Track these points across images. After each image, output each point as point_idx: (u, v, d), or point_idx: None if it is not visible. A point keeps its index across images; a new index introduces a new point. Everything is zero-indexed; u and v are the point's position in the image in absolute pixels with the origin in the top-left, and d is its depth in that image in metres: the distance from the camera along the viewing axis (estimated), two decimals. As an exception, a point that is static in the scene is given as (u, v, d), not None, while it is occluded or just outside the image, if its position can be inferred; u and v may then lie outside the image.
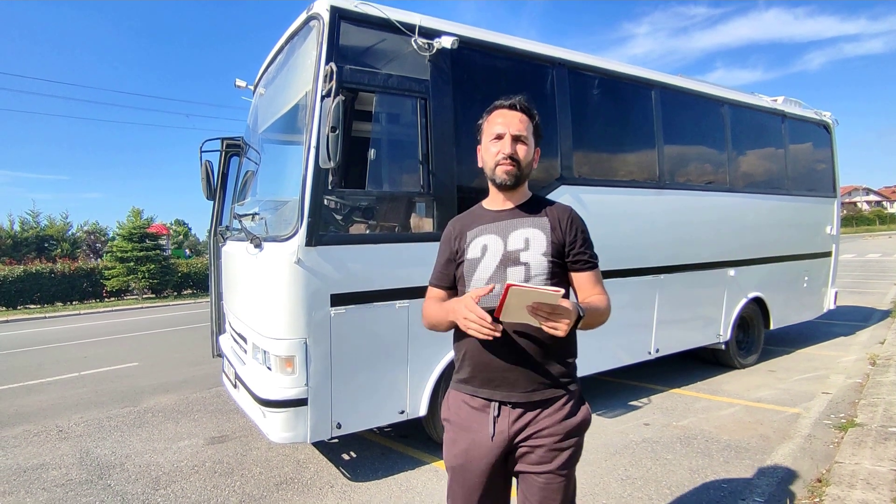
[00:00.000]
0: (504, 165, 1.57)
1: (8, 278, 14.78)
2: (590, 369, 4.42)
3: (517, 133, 1.57)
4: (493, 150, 1.59)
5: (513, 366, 1.54)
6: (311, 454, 3.79)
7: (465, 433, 1.59)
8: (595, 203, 4.22)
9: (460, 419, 1.62)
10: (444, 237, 1.71)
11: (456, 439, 1.62)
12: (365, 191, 3.21)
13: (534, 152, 1.64)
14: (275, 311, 3.09)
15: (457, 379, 1.66)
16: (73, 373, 6.68)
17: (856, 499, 2.72)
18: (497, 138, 1.59)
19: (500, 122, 1.59)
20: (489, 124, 1.63)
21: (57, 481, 3.50)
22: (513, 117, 1.59)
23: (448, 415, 1.67)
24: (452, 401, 1.67)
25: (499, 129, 1.58)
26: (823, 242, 6.72)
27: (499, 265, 1.57)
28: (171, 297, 17.22)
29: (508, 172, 1.57)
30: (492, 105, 1.66)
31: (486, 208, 1.68)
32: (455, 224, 1.70)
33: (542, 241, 1.59)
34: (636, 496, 3.06)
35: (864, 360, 5.83)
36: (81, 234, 23.71)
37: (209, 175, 4.52)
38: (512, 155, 1.56)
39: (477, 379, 1.58)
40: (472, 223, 1.66)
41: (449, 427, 1.66)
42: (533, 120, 1.62)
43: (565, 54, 4.15)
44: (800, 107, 6.51)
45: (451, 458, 1.63)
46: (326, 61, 2.98)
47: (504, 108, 1.61)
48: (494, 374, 1.55)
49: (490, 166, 1.60)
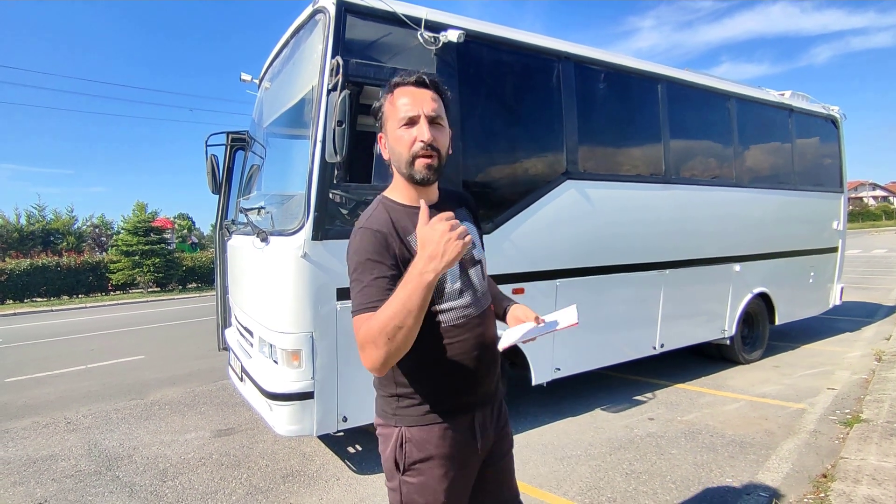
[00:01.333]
0: (424, 158, 1.28)
1: (15, 271, 14.88)
2: (594, 364, 4.43)
3: (432, 114, 1.28)
4: (406, 139, 1.28)
5: (490, 368, 1.45)
6: (316, 447, 3.81)
7: (454, 462, 1.39)
8: (600, 198, 4.22)
9: (446, 449, 1.37)
10: (374, 249, 1.27)
11: (447, 472, 1.37)
12: (371, 185, 3.21)
13: (448, 136, 1.35)
14: (281, 305, 3.10)
15: (424, 411, 1.37)
16: (81, 365, 6.74)
17: (861, 494, 2.72)
18: (408, 124, 1.28)
19: (407, 102, 1.29)
20: (392, 107, 1.31)
21: (66, 472, 3.54)
22: (423, 95, 1.29)
23: (426, 451, 1.36)
24: (426, 435, 1.37)
25: (409, 111, 1.28)
26: (830, 238, 6.69)
27: (461, 272, 1.38)
28: (176, 290, 17.30)
29: (430, 166, 1.29)
30: (392, 82, 1.33)
31: (407, 204, 1.37)
32: (383, 230, 1.29)
33: (477, 235, 1.49)
34: (641, 490, 3.07)
35: (869, 355, 5.81)
36: (87, 228, 23.80)
37: (214, 169, 4.52)
38: (432, 143, 1.27)
39: (461, 396, 1.40)
40: (405, 226, 1.32)
41: (435, 464, 1.37)
42: (444, 97, 1.35)
43: (571, 48, 4.13)
44: (807, 101, 6.45)
45: (440, 496, 1.37)
46: (332, 55, 2.97)
47: (409, 86, 1.31)
48: (478, 384, 1.42)
49: (405, 159, 1.29)
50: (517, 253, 3.74)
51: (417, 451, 1.36)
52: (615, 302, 4.47)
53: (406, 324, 1.14)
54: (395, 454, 1.38)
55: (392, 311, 1.15)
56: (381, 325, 1.16)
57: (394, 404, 1.40)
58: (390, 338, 1.15)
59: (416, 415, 1.37)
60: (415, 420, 1.37)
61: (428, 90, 1.31)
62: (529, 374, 3.88)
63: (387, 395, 1.42)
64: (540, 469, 3.37)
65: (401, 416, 1.38)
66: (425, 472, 1.36)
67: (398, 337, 1.15)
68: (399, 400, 1.39)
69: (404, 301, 1.14)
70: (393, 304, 1.16)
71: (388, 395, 1.41)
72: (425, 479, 1.37)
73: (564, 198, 3.99)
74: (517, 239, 3.71)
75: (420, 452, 1.36)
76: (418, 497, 1.38)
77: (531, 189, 3.86)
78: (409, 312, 1.13)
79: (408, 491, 1.38)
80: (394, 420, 1.40)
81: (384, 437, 1.44)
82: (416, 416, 1.37)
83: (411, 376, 1.37)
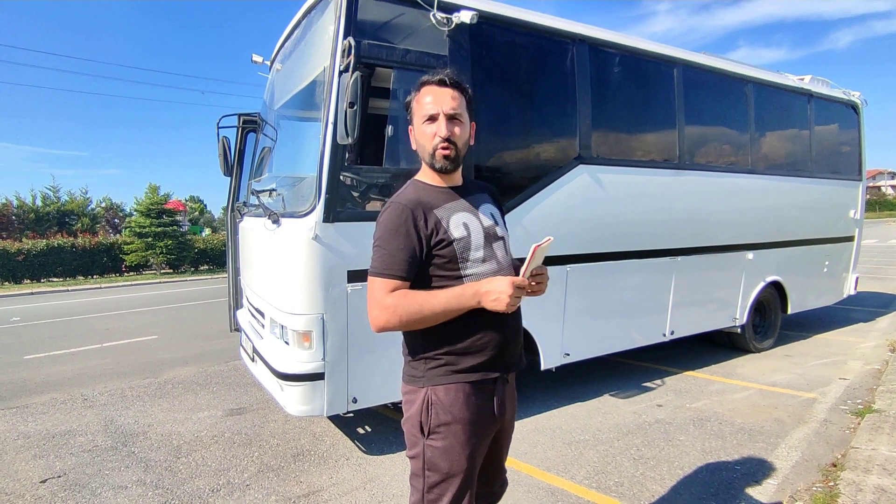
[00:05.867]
0: (443, 150, 1.48)
1: (32, 252, 15.16)
2: (604, 350, 4.43)
3: (451, 112, 1.47)
4: (428, 133, 1.49)
5: (514, 335, 1.59)
6: (326, 427, 3.86)
7: (475, 428, 1.49)
8: (613, 183, 4.17)
9: (468, 413, 1.48)
10: (402, 222, 1.45)
11: (469, 437, 1.47)
12: (382, 167, 3.20)
13: (469, 128, 1.55)
14: (292, 287, 3.12)
15: (457, 368, 1.48)
16: (96, 344, 6.87)
17: (872, 484, 2.71)
18: (430, 120, 1.48)
19: (430, 101, 1.48)
20: (419, 104, 1.51)
21: (84, 447, 3.63)
22: (444, 94, 1.48)
23: (451, 414, 1.46)
24: (452, 397, 1.47)
25: (431, 110, 1.48)
26: (846, 227, 6.57)
27: (485, 242, 1.52)
28: (188, 272, 17.51)
29: (448, 157, 1.49)
30: (419, 81, 1.54)
31: (434, 185, 1.55)
32: (409, 206, 1.47)
33: (500, 215, 1.66)
34: (649, 476, 3.08)
35: (883, 346, 5.75)
36: (100, 210, 24.08)
37: (226, 151, 4.53)
38: (449, 137, 1.47)
39: (488, 359, 1.50)
40: (432, 203, 1.50)
41: (459, 429, 1.46)
42: (465, 94, 1.52)
43: (586, 30, 4.05)
44: (827, 86, 6.30)
45: (462, 461, 1.47)
46: (344, 36, 2.94)
47: (433, 85, 1.50)
48: (503, 347, 1.53)
49: (428, 151, 1.50)
50: (528, 238, 3.70)
51: (443, 413, 1.46)
52: (626, 288, 4.45)
53: (428, 321, 1.41)
54: (420, 417, 1.48)
55: (427, 306, 1.40)
56: (407, 308, 1.40)
57: (422, 367, 1.51)
58: (405, 322, 1.41)
59: (444, 374, 1.48)
60: (442, 380, 1.48)
61: (449, 88, 1.49)
62: (539, 358, 3.89)
63: (415, 360, 1.53)
64: (548, 453, 3.39)
65: (428, 377, 1.49)
66: (449, 436, 1.46)
67: (413, 324, 1.42)
68: (427, 362, 1.50)
69: (444, 306, 1.40)
70: (431, 302, 1.40)
71: (417, 359, 1.53)
72: (449, 442, 1.46)
73: (577, 182, 3.95)
74: (528, 223, 3.68)
75: (445, 415, 1.46)
76: (441, 461, 1.47)
77: (543, 173, 3.82)
78: (437, 316, 1.41)
79: (431, 455, 1.47)
80: (421, 382, 1.50)
81: (409, 402, 1.53)
82: (444, 376, 1.48)
83: (440, 339, 1.48)
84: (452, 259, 1.47)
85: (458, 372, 1.48)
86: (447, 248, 1.46)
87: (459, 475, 1.47)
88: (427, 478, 1.49)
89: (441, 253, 1.46)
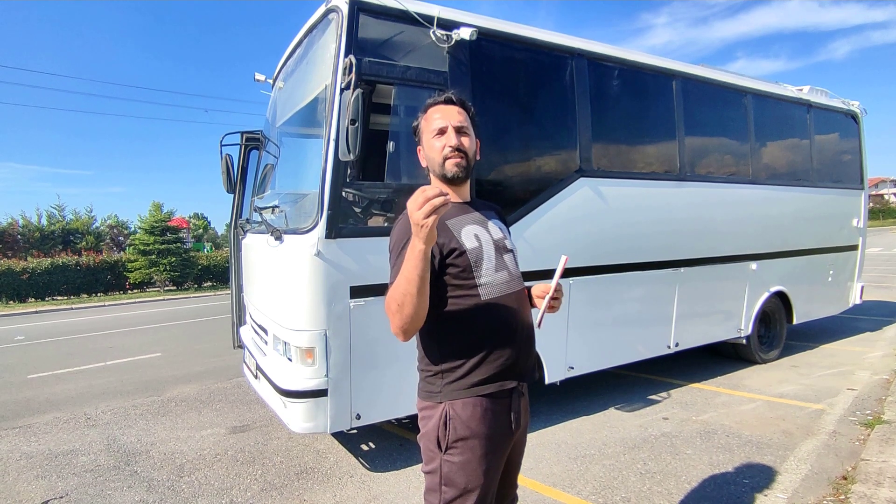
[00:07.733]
0: (453, 158, 1.53)
1: (37, 270, 15.20)
2: (608, 363, 4.40)
3: (459, 124, 1.55)
4: (437, 146, 1.55)
5: (527, 344, 1.60)
6: (330, 444, 3.84)
7: (492, 443, 1.49)
8: (614, 195, 4.18)
9: (486, 428, 1.48)
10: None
11: (486, 453, 1.47)
12: (384, 183, 3.22)
13: (475, 144, 1.62)
14: (295, 303, 3.12)
15: (469, 383, 1.48)
16: (100, 362, 6.86)
17: (883, 497, 2.67)
18: (439, 133, 1.55)
19: (438, 117, 1.56)
20: (427, 122, 1.59)
21: (86, 466, 3.61)
22: (450, 111, 1.57)
23: (469, 429, 1.46)
24: (470, 412, 1.47)
25: (440, 124, 1.55)
26: (850, 235, 6.55)
27: (496, 253, 1.56)
28: (191, 289, 17.52)
29: (459, 164, 1.54)
30: (425, 104, 1.63)
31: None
32: None
33: (507, 231, 1.70)
34: (655, 490, 3.04)
35: (891, 356, 5.69)
36: (104, 227, 24.22)
37: (229, 168, 4.57)
38: (459, 146, 1.53)
39: (504, 368, 1.51)
40: (445, 214, 1.48)
41: (476, 444, 1.47)
42: (469, 112, 1.61)
43: (584, 45, 4.10)
44: (826, 96, 6.33)
45: (479, 476, 1.47)
46: (346, 54, 2.98)
47: (440, 104, 1.59)
48: (517, 355, 1.54)
49: (438, 162, 1.55)
50: (530, 251, 3.72)
51: (461, 428, 1.46)
52: (629, 300, 4.43)
53: (410, 291, 1.31)
54: (437, 432, 1.48)
55: (398, 281, 1.35)
56: (391, 295, 1.37)
57: (438, 382, 1.52)
58: (400, 304, 1.34)
59: (461, 388, 1.49)
60: (459, 394, 1.48)
61: (455, 106, 1.58)
62: (543, 373, 3.87)
63: (431, 375, 1.54)
64: (554, 468, 3.36)
65: (446, 391, 1.50)
66: (467, 451, 1.46)
67: (406, 305, 1.33)
68: (443, 376, 1.51)
69: (406, 272, 1.31)
70: (399, 276, 1.35)
71: (433, 374, 1.53)
72: (467, 458, 1.46)
73: (578, 195, 3.96)
74: (530, 237, 3.69)
75: (463, 430, 1.46)
76: (458, 476, 1.46)
77: (544, 187, 3.84)
78: (410, 281, 1.31)
79: (448, 470, 1.47)
80: (438, 397, 1.50)
81: (426, 418, 1.54)
82: (461, 390, 1.48)
83: (455, 353, 1.50)
84: (467, 268, 1.49)
85: (475, 385, 1.48)
86: (461, 257, 1.49)
87: (476, 491, 1.47)
88: (443, 493, 1.48)
89: (455, 262, 1.49)
